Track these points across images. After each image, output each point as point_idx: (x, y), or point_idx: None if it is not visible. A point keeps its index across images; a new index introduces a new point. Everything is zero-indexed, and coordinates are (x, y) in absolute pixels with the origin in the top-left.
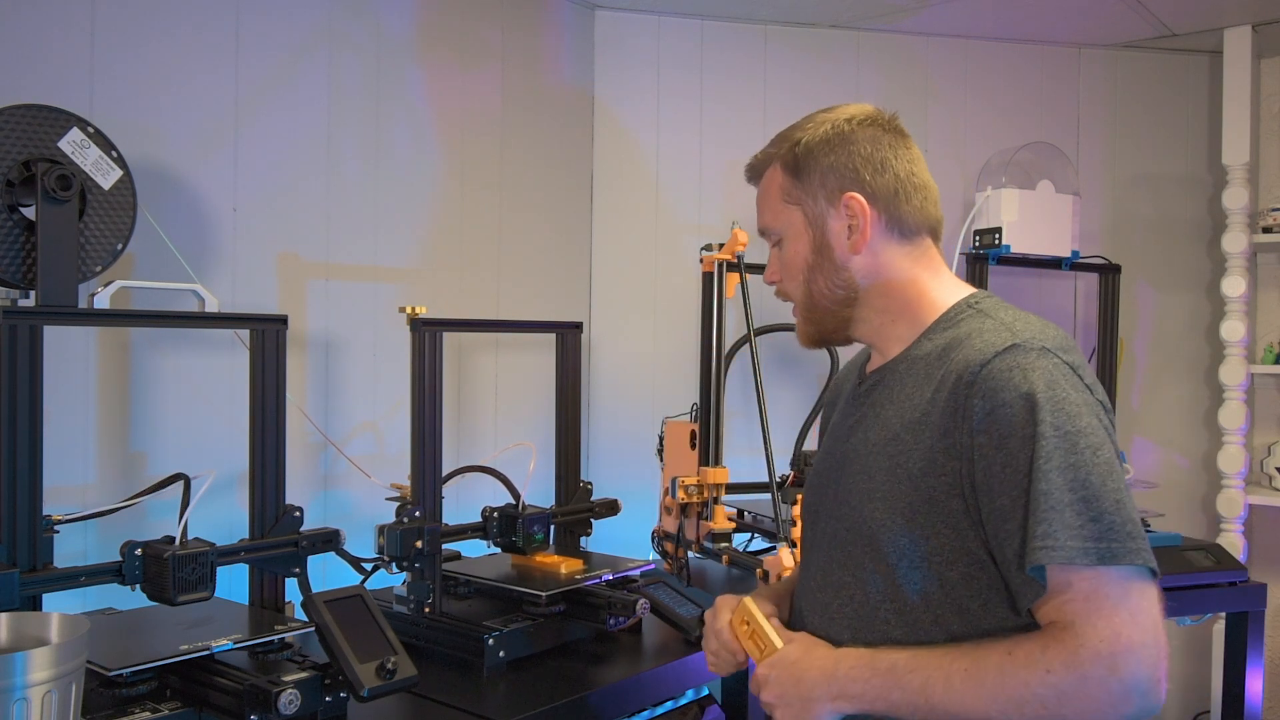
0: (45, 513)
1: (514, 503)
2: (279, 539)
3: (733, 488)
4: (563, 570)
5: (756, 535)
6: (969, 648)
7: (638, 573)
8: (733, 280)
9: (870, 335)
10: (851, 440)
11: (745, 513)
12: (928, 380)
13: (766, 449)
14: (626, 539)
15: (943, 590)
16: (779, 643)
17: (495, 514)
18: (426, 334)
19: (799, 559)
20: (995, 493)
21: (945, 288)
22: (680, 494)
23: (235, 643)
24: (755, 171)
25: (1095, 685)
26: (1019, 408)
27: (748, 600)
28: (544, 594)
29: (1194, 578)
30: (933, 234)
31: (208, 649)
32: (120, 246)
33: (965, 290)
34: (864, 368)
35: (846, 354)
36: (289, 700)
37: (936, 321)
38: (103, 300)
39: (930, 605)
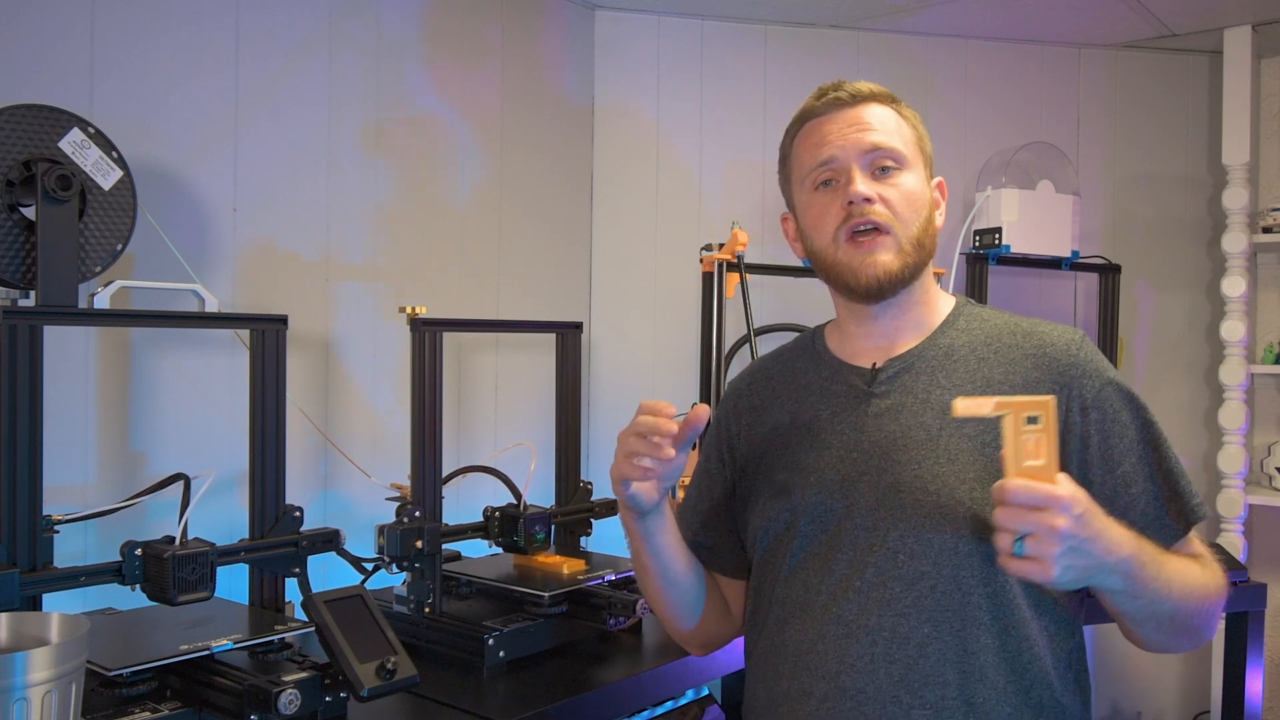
0: (45, 513)
1: (515, 503)
2: (279, 539)
3: None
4: (565, 570)
5: None
6: (1168, 558)
7: None
8: (733, 280)
9: (902, 308)
10: (888, 429)
11: None
12: (987, 364)
13: None
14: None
15: None
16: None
17: (497, 514)
18: (426, 334)
19: (786, 566)
20: (1115, 461)
21: (940, 289)
22: (680, 494)
23: (235, 643)
24: (872, 99)
25: (1224, 599)
26: (1118, 387)
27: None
28: (546, 594)
29: None
30: None
31: (208, 649)
32: (120, 247)
33: (947, 293)
34: (832, 363)
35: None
36: (289, 700)
37: (951, 314)
38: (103, 300)
39: (1024, 582)
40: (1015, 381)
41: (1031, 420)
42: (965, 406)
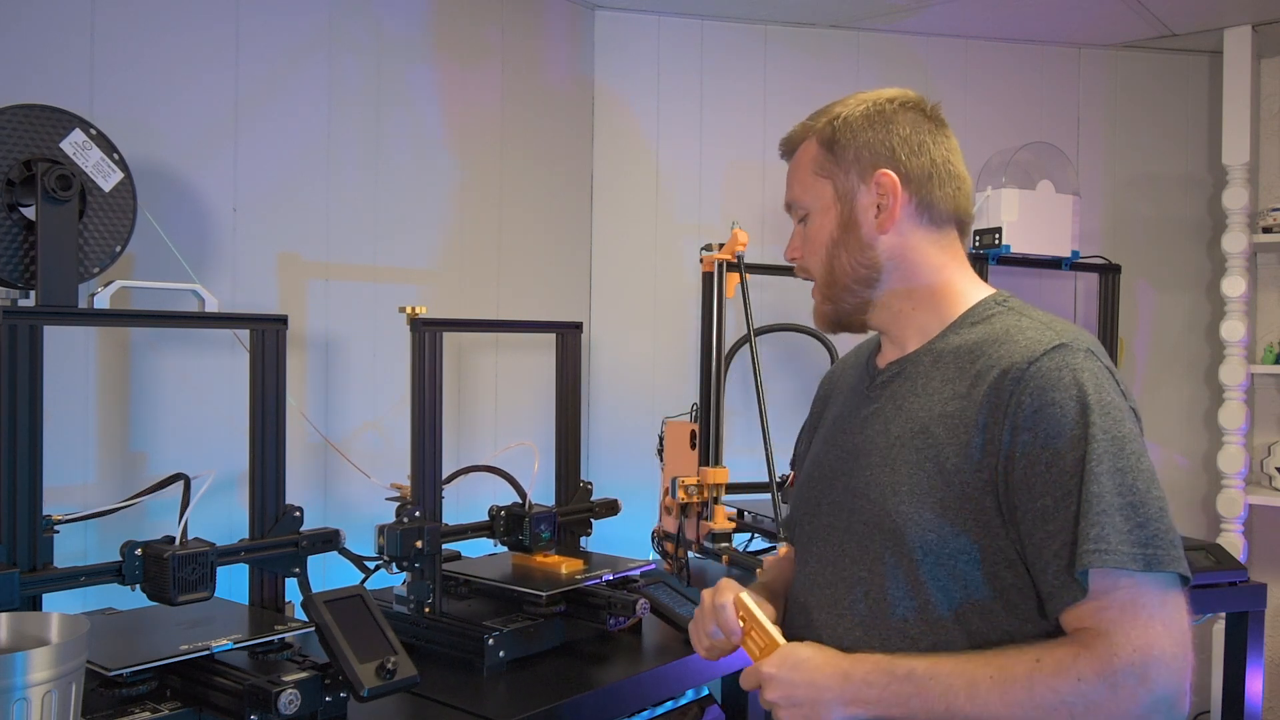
0: (45, 513)
1: (520, 502)
2: (279, 539)
3: (733, 488)
4: (563, 570)
5: (756, 535)
6: (992, 655)
7: (638, 573)
8: (733, 280)
9: (888, 322)
10: (866, 432)
11: (745, 513)
12: (960, 374)
13: (766, 449)
14: (626, 539)
15: (966, 589)
16: (780, 639)
17: (502, 513)
18: (426, 334)
19: (792, 553)
20: (1037, 492)
21: (971, 282)
22: (680, 494)
23: (235, 643)
24: (790, 145)
25: (1125, 695)
26: (1069, 408)
27: (744, 594)
28: (545, 594)
29: (1194, 578)
30: (960, 227)
31: (208, 649)
32: (119, 249)
33: (989, 288)
34: (871, 359)
35: (841, 348)
36: (289, 700)
37: (963, 315)
38: (103, 300)
39: (953, 603)
40: (973, 399)
41: (743, 617)
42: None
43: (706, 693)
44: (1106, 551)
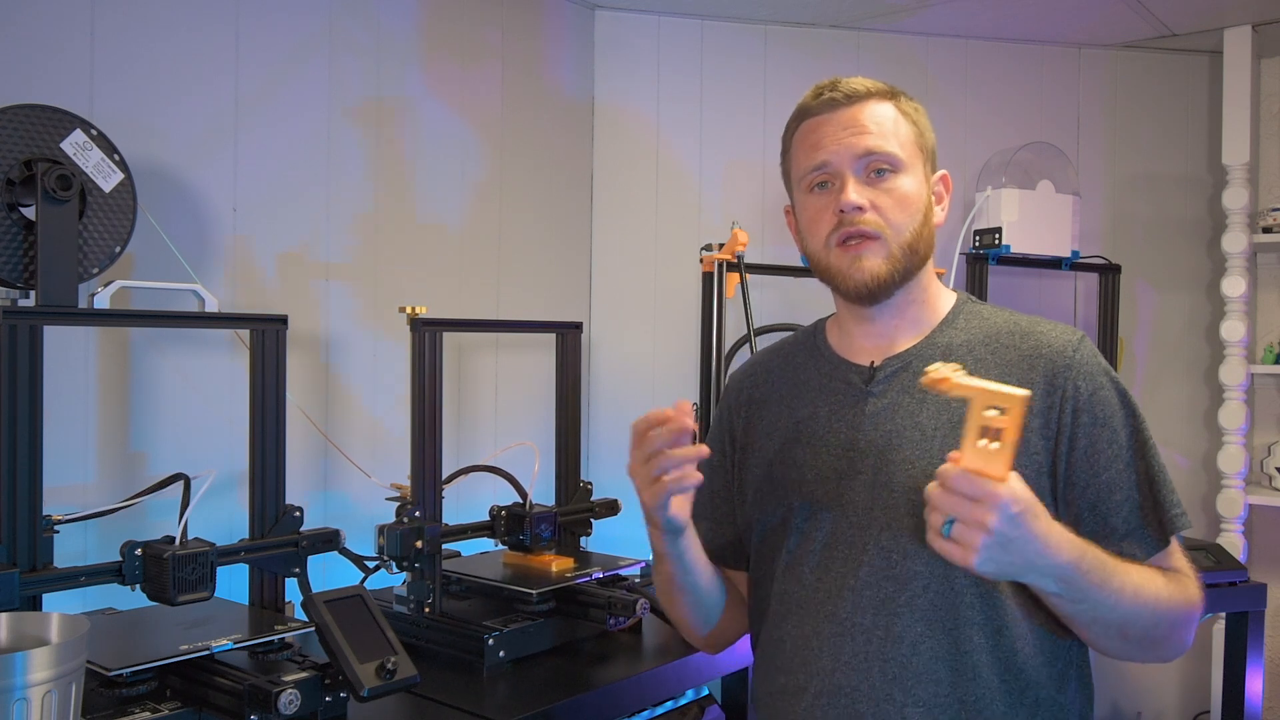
0: (45, 513)
1: (520, 502)
2: (279, 539)
3: None
4: (554, 569)
5: None
6: (1134, 570)
7: (631, 570)
8: (733, 280)
9: (899, 305)
10: (883, 428)
11: None
12: (984, 365)
13: None
14: (627, 539)
15: None
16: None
17: (503, 513)
18: (426, 334)
19: (781, 561)
20: (1100, 467)
21: (941, 285)
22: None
23: (235, 643)
24: (865, 95)
25: (1197, 614)
26: (1112, 390)
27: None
28: (534, 592)
29: None
30: None
31: (208, 649)
32: (118, 250)
33: (949, 288)
34: (835, 358)
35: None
36: (289, 700)
37: (951, 312)
38: (103, 300)
39: (1013, 583)
40: (1010, 383)
41: (998, 410)
42: (934, 377)
43: (706, 693)
44: (1183, 514)
